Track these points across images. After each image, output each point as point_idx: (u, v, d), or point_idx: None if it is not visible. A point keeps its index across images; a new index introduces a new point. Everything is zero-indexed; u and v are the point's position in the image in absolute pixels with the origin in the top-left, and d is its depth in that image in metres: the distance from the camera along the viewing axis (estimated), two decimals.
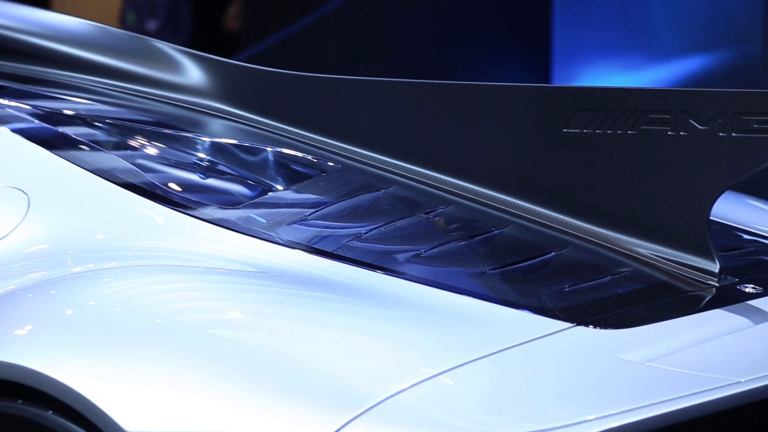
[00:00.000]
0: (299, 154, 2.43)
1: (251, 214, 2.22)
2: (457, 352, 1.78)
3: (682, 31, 5.26)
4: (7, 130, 2.31)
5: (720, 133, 2.05)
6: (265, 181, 2.36)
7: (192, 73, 2.65)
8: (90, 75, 2.73)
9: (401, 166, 2.38)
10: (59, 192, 2.21)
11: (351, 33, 6.33)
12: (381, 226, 2.20)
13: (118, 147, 2.41)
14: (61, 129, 2.38)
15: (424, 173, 2.36)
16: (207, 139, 2.46)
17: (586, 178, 2.19)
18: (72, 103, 2.58)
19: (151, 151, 2.42)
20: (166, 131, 2.47)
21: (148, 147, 2.42)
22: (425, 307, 1.93)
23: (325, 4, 6.31)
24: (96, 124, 2.44)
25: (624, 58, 5.42)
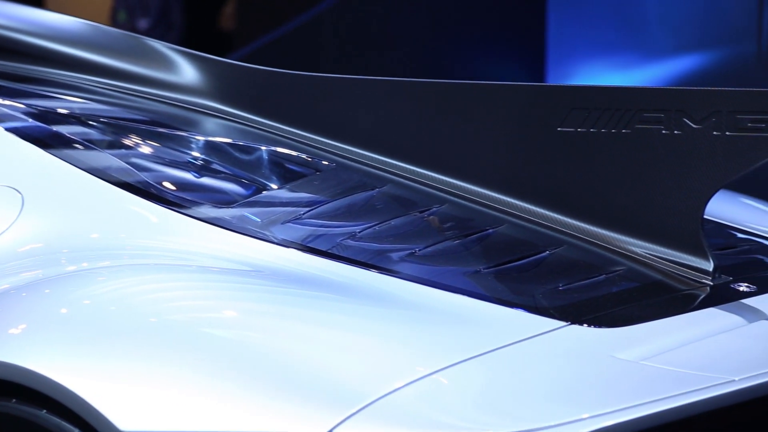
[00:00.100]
0: (294, 153, 2.43)
1: (246, 212, 2.22)
2: (451, 350, 1.78)
3: (676, 30, 5.26)
4: (1, 129, 2.31)
5: (714, 132, 2.05)
6: (260, 179, 2.36)
7: (187, 71, 2.65)
8: (84, 74, 2.73)
9: (396, 165, 2.38)
10: (53, 191, 2.21)
11: (346, 32, 6.33)
12: (375, 225, 2.20)
13: (113, 146, 2.41)
14: (55, 128, 2.38)
15: (418, 172, 2.36)
16: (201, 138, 2.46)
17: (580, 176, 2.19)
18: (66, 102, 2.58)
19: (146, 149, 2.42)
20: (161, 130, 2.47)
21: (142, 146, 2.42)
22: (420, 305, 1.93)
23: (320, 2, 6.31)
24: (90, 123, 2.43)
25: (618, 57, 5.42)
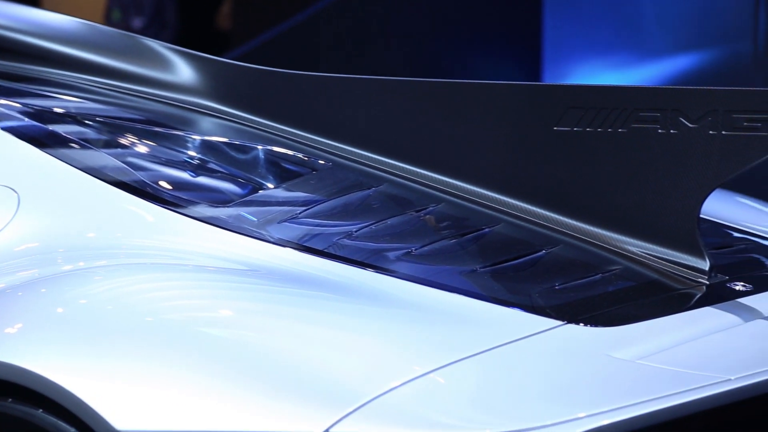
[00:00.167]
0: (290, 152, 2.43)
1: (242, 212, 2.22)
2: (447, 350, 1.78)
3: (672, 30, 5.26)
4: None
5: (710, 131, 2.05)
6: (256, 179, 2.36)
7: (183, 71, 2.65)
8: (80, 73, 2.73)
9: (392, 164, 2.38)
10: (49, 190, 2.21)
11: (342, 31, 6.33)
12: (372, 224, 2.20)
13: (109, 145, 2.41)
14: (51, 127, 2.37)
15: (415, 171, 2.36)
16: (198, 137, 2.46)
17: (576, 176, 2.19)
18: (62, 101, 2.58)
19: (142, 149, 2.41)
20: (157, 129, 2.47)
21: (138, 145, 2.42)
22: (416, 305, 1.93)
23: (316, 2, 6.31)
24: (86, 122, 2.43)
25: (615, 56, 5.43)
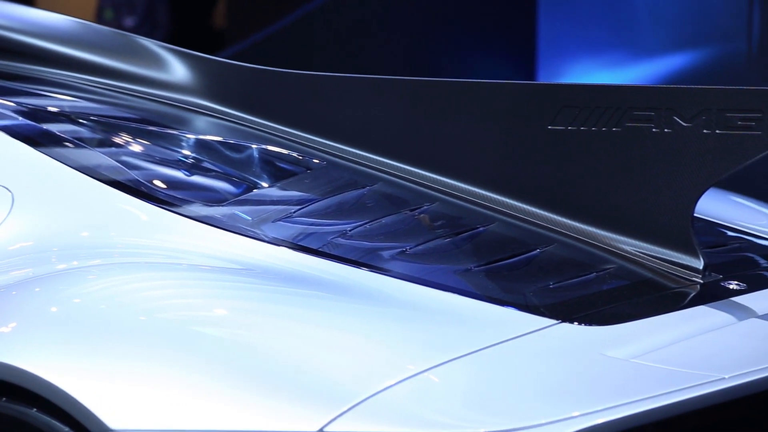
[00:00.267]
0: (284, 151, 2.43)
1: (236, 211, 2.22)
2: (441, 349, 1.78)
3: (666, 29, 5.27)
4: None
5: (704, 130, 2.05)
6: (250, 178, 2.36)
7: (177, 70, 2.65)
8: (74, 72, 2.73)
9: (386, 163, 2.38)
10: (44, 189, 2.21)
11: (336, 30, 6.33)
12: (366, 223, 2.20)
13: (103, 144, 2.40)
14: (45, 126, 2.37)
15: (409, 170, 2.36)
16: (192, 136, 2.46)
17: (570, 175, 2.19)
18: (56, 100, 2.58)
19: (136, 148, 2.41)
20: (151, 128, 2.47)
21: (132, 144, 2.41)
22: (410, 304, 1.93)
23: (310, 1, 6.30)
24: (81, 121, 2.43)
25: (609, 55, 5.43)
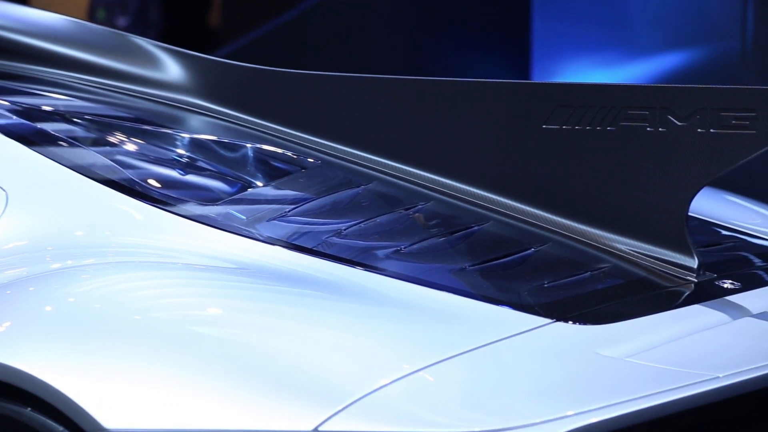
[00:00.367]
0: (279, 151, 2.43)
1: (231, 210, 2.22)
2: (436, 348, 1.78)
3: (661, 28, 5.27)
4: None
5: (698, 130, 2.05)
6: (245, 177, 2.36)
7: (171, 69, 2.65)
8: (69, 71, 2.73)
9: (381, 163, 2.38)
10: (38, 188, 2.21)
11: (331, 29, 6.33)
12: (361, 223, 2.20)
13: (97, 143, 2.40)
14: (39, 125, 2.37)
15: (404, 169, 2.36)
16: (186, 136, 2.46)
17: (565, 174, 2.19)
18: (51, 100, 2.58)
19: (131, 147, 2.41)
20: (146, 127, 2.47)
21: (127, 143, 2.41)
22: (405, 303, 1.93)
23: (305, 0, 6.30)
24: (75, 120, 2.43)
25: (603, 55, 5.43)
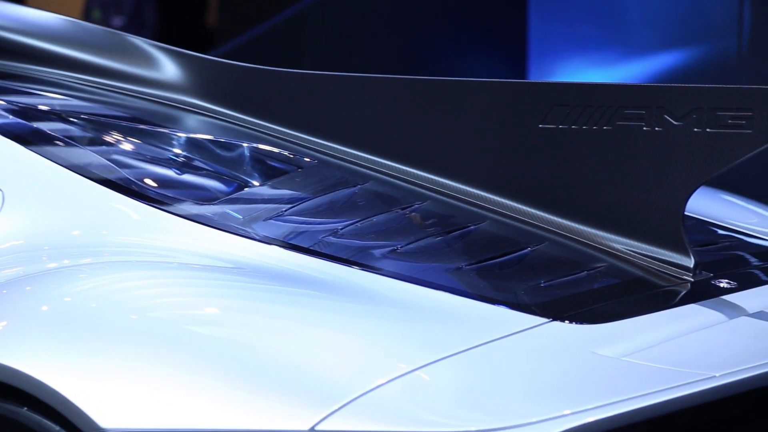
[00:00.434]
0: (275, 150, 2.43)
1: (227, 209, 2.22)
2: (433, 347, 1.78)
3: (657, 27, 5.27)
4: None
5: (695, 129, 2.06)
6: (241, 176, 2.36)
7: (167, 68, 2.65)
8: (65, 70, 2.72)
9: (377, 162, 2.38)
10: (34, 188, 2.21)
11: (327, 28, 6.33)
12: (357, 222, 2.20)
13: (94, 143, 2.40)
14: (35, 125, 2.37)
15: (400, 169, 2.36)
16: (182, 135, 2.45)
17: (561, 173, 2.19)
18: (47, 99, 2.57)
19: (127, 146, 2.41)
20: (142, 127, 2.47)
21: (123, 143, 2.41)
22: (401, 302, 1.93)
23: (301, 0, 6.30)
24: (71, 119, 2.43)
25: (600, 54, 5.43)
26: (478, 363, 1.76)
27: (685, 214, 2.10)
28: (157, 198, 2.20)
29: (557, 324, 1.87)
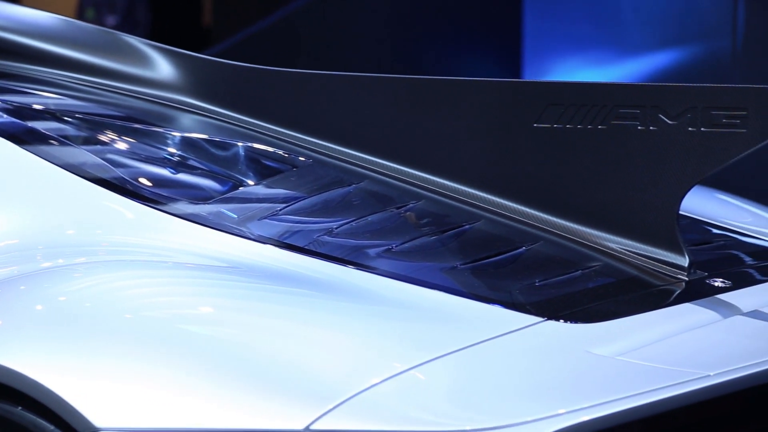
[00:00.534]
0: (270, 149, 2.43)
1: (222, 209, 2.22)
2: (428, 347, 1.78)
3: (652, 26, 5.27)
4: None
5: (689, 128, 2.06)
6: (236, 176, 2.36)
7: (162, 67, 2.64)
8: (59, 69, 2.72)
9: (372, 161, 2.38)
10: (29, 187, 2.20)
11: (322, 28, 6.33)
12: (352, 221, 2.20)
13: (88, 142, 2.40)
14: (30, 124, 2.37)
15: (395, 168, 2.36)
16: (177, 134, 2.45)
17: (556, 172, 2.19)
18: (41, 98, 2.57)
19: (122, 146, 2.41)
20: (137, 126, 2.46)
21: (118, 142, 2.41)
22: (396, 302, 1.93)
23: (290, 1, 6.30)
24: (66, 118, 2.43)
25: (595, 53, 5.44)
26: (473, 362, 1.76)
27: (680, 213, 2.11)
28: (152, 197, 2.20)
29: (552, 323, 1.87)
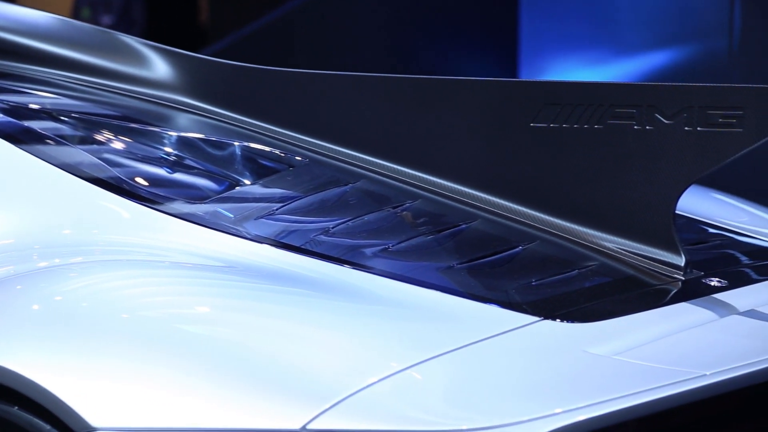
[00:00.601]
0: (266, 149, 2.43)
1: (219, 208, 2.22)
2: (424, 346, 1.78)
3: (648, 26, 5.28)
4: None
5: (686, 128, 2.06)
6: (233, 175, 2.36)
7: (158, 67, 2.64)
8: (56, 69, 2.72)
9: (369, 161, 2.38)
10: (25, 187, 2.20)
11: (318, 27, 6.33)
12: (349, 221, 2.20)
13: (85, 141, 2.40)
14: (26, 123, 2.37)
15: (391, 167, 2.36)
16: (174, 134, 2.45)
17: (553, 172, 2.19)
18: (38, 98, 2.57)
19: (118, 145, 2.41)
20: (133, 125, 2.46)
21: (114, 141, 2.41)
22: (393, 301, 1.93)
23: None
24: (62, 118, 2.43)
25: (591, 53, 5.44)
26: (469, 362, 1.76)
27: (676, 212, 2.11)
28: (148, 197, 2.20)
29: (548, 322, 1.87)
